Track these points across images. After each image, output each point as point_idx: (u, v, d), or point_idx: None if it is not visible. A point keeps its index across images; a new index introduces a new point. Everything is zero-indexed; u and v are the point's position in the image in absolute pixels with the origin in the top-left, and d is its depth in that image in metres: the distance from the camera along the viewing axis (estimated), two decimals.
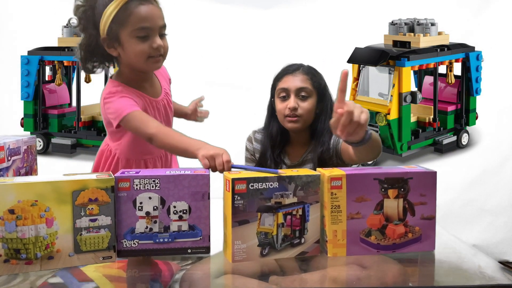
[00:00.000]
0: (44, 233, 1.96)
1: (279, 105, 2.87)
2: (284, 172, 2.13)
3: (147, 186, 2.05)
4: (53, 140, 5.26)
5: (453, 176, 4.81)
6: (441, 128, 5.13)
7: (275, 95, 2.92)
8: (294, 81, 2.85)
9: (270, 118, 2.98)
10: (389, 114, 4.76)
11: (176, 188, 2.07)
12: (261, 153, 2.96)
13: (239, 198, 2.04)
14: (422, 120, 5.11)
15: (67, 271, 2.04)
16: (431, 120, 5.07)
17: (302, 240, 2.14)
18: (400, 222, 2.15)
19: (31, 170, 2.52)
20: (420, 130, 5.06)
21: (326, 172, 2.12)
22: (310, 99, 2.85)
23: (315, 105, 2.87)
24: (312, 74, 2.89)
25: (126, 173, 2.08)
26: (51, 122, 5.33)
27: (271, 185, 2.07)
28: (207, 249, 2.12)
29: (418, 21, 4.96)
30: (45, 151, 5.25)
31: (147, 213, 2.06)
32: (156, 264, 2.22)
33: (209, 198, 2.10)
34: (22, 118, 5.27)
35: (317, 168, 2.20)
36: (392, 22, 5.04)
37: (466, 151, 5.15)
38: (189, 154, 2.33)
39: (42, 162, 4.89)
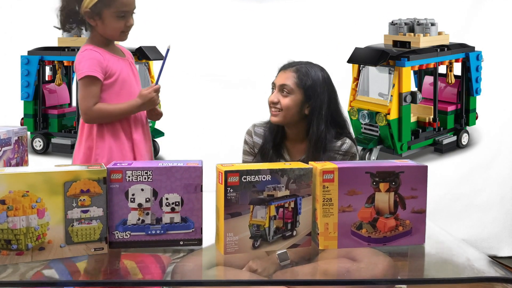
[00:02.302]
0: (35, 224, 1.97)
1: (269, 98, 2.96)
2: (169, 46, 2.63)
3: (140, 177, 2.07)
4: (53, 140, 5.26)
5: (443, 171, 4.82)
6: (441, 128, 5.13)
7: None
8: (281, 77, 2.93)
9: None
10: (389, 114, 4.76)
11: (168, 180, 2.09)
12: (262, 145, 2.99)
13: (231, 190, 2.06)
14: (422, 120, 5.11)
15: (60, 261, 2.05)
16: (431, 120, 5.07)
17: (294, 233, 2.15)
18: (391, 216, 2.17)
19: (22, 161, 2.53)
20: (420, 130, 5.06)
21: (318, 166, 2.13)
22: (291, 96, 2.88)
23: (298, 103, 2.88)
24: (303, 74, 2.90)
25: (118, 164, 2.10)
26: (51, 122, 5.33)
27: (264, 178, 2.09)
28: (199, 241, 2.14)
29: (418, 21, 4.96)
30: (45, 151, 5.25)
31: (139, 204, 2.08)
32: (148, 257, 2.23)
33: (201, 190, 2.12)
34: (22, 118, 5.26)
35: (309, 162, 2.22)
36: (392, 22, 5.03)
37: (466, 151, 5.15)
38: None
39: (42, 162, 4.93)
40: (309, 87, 2.88)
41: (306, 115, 2.90)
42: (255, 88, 3.01)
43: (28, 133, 5.11)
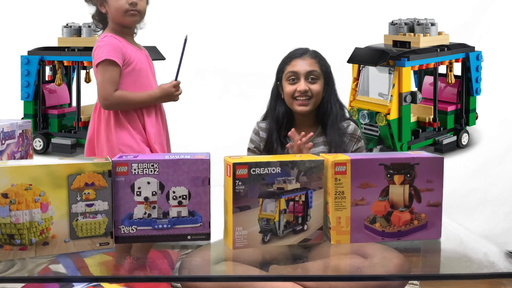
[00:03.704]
0: (39, 218, 1.88)
1: (288, 88, 2.88)
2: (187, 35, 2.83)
3: (146, 170, 1.97)
4: (53, 140, 5.17)
5: (454, 166, 4.73)
6: (441, 128, 5.04)
7: (282, 78, 2.93)
8: (303, 65, 2.88)
9: (275, 101, 2.97)
10: (389, 114, 4.67)
11: (175, 173, 1.99)
12: (268, 137, 2.93)
13: (240, 183, 1.96)
14: (422, 120, 5.02)
15: (67, 257, 1.98)
16: (431, 120, 4.98)
17: (305, 227, 2.06)
18: (406, 209, 2.07)
19: (26, 155, 2.42)
20: (420, 130, 4.97)
21: (330, 157, 2.03)
22: (318, 81, 2.87)
23: (323, 88, 2.89)
24: (320, 58, 2.93)
25: (124, 157, 2.00)
26: (51, 122, 5.24)
27: (273, 170, 1.99)
28: (207, 236, 2.03)
29: (418, 21, 4.88)
30: (45, 151, 5.16)
31: (146, 198, 1.98)
32: (156, 252, 2.14)
33: (209, 183, 2.02)
34: (22, 118, 5.14)
35: (321, 154, 2.12)
36: (392, 22, 4.96)
37: (466, 151, 5.07)
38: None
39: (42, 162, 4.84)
40: (328, 71, 2.93)
41: (322, 98, 2.91)
42: (257, 82, 2.93)
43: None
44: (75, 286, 2.51)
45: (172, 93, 2.99)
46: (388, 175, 2.03)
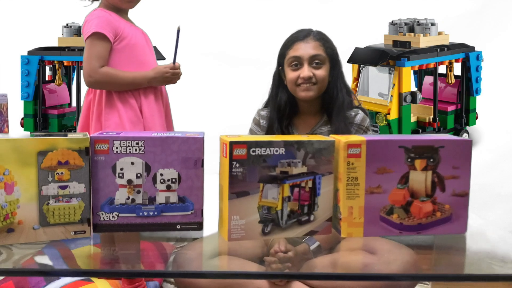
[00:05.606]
0: (2, 201, 1.55)
1: (291, 74, 2.54)
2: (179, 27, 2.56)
3: (129, 149, 1.65)
4: None
5: None
6: (441, 128, 4.83)
7: (284, 64, 2.59)
8: (306, 49, 2.52)
9: (277, 88, 2.64)
10: (389, 114, 4.46)
11: (163, 153, 1.66)
12: (268, 126, 2.61)
13: (238, 165, 1.62)
14: (422, 120, 4.80)
15: (54, 247, 1.69)
16: (431, 120, 4.77)
17: (311, 217, 1.72)
18: (428, 199, 1.72)
19: (0, 131, 2.08)
20: (420, 130, 4.76)
21: (342, 138, 1.68)
22: (324, 66, 2.52)
23: (329, 72, 2.54)
24: (324, 40, 2.57)
25: (104, 133, 1.67)
26: (51, 122, 5.01)
27: (277, 151, 1.65)
28: (200, 225, 1.71)
29: (418, 21, 4.69)
30: None
31: (129, 181, 1.66)
32: (149, 244, 1.87)
33: (202, 165, 1.69)
34: (22, 118, 4.99)
35: (331, 135, 1.76)
36: (392, 22, 4.77)
37: None
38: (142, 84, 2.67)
39: None
40: (334, 53, 2.57)
41: (328, 83, 2.56)
42: (255, 67, 2.65)
43: (28, 133, 4.78)
44: (62, 278, 2.28)
45: (167, 75, 2.68)
46: (409, 160, 1.68)
